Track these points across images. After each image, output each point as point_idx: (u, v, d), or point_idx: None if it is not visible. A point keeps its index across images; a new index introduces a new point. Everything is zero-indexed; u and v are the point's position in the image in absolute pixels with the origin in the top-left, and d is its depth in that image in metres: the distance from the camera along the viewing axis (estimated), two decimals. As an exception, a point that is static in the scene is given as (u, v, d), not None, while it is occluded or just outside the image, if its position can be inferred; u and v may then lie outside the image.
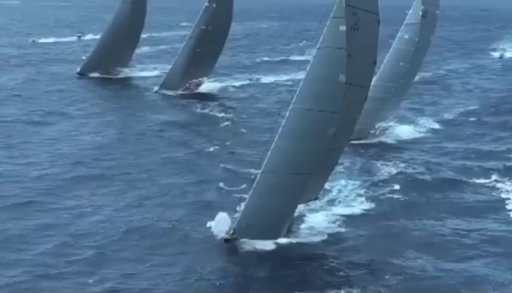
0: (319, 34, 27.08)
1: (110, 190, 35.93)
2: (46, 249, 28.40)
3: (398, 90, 42.86)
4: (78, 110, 54.98)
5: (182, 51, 60.14)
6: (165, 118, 52.70)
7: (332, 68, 25.23)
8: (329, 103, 25.45)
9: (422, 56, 43.91)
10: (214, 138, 46.47)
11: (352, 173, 39.43)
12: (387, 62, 42.83)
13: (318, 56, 25.41)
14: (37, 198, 34.72)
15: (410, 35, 42.23)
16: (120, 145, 44.98)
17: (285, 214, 27.47)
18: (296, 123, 26.33)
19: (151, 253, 27.71)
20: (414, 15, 42.50)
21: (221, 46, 59.46)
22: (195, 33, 59.46)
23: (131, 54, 67.88)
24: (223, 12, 58.93)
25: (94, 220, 31.55)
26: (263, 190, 26.85)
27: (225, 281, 25.73)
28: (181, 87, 59.99)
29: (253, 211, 26.84)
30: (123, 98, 61.86)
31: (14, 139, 45.71)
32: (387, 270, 27.00)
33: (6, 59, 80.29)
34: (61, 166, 39.99)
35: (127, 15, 66.11)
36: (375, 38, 25.77)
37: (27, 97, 59.31)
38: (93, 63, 66.73)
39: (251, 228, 26.68)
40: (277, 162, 26.66)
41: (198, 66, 59.21)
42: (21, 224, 30.94)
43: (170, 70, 60.41)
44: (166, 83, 59.91)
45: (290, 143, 26.48)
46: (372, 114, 41.38)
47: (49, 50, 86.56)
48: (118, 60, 66.58)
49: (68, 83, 65.67)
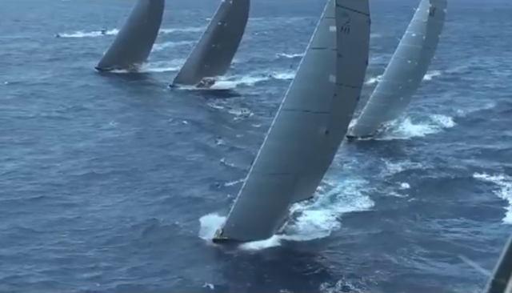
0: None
1: (120, 187, 36.44)
2: (51, 244, 29.18)
3: (406, 88, 42.71)
4: (95, 106, 55.75)
5: (197, 46, 60.55)
6: (180, 114, 53.02)
7: (322, 69, 25.26)
8: (318, 104, 25.46)
9: (430, 54, 43.70)
10: (227, 135, 46.61)
11: (358, 170, 39.45)
12: (394, 60, 42.68)
13: (308, 56, 25.45)
14: (48, 193, 35.49)
15: (418, 33, 42.01)
16: (134, 142, 45.52)
17: (274, 215, 27.53)
18: (286, 124, 26.36)
19: (137, 251, 28.01)
20: (422, 13, 42.24)
21: (236, 43, 59.75)
22: (211, 28, 59.83)
23: (149, 49, 68.40)
24: (239, 9, 59.19)
25: (101, 217, 32.18)
26: (252, 191, 26.92)
27: (213, 282, 25.73)
28: (195, 83, 60.33)
29: (242, 212, 26.92)
30: (139, 93, 62.46)
31: (32, 135, 46.57)
32: (384, 268, 27.17)
33: (30, 53, 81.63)
34: (75, 162, 40.72)
35: (145, 10, 66.70)
36: (367, 38, 25.78)
37: (47, 93, 60.29)
38: (111, 58, 67.43)
39: (240, 228, 26.79)
40: (266, 163, 26.71)
41: (213, 62, 59.56)
42: (29, 218, 31.76)
43: (185, 64, 60.80)
44: (179, 77, 60.33)
45: (280, 143, 26.53)
46: (379, 111, 41.37)
47: (71, 45, 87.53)
48: (136, 55, 67.22)
49: (87, 79, 66.49)
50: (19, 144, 44.81)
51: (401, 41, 42.70)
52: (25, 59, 76.86)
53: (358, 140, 43.26)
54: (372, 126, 42.13)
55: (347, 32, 24.72)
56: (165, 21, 70.17)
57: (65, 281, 26.06)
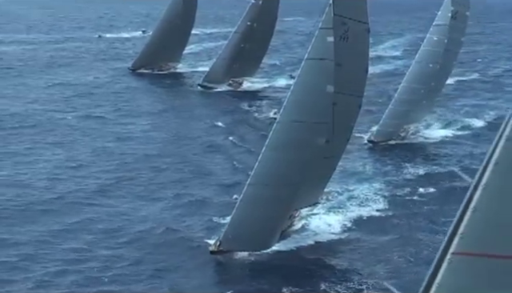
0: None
1: (145, 189, 37.36)
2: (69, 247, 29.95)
3: (428, 92, 42.14)
4: (126, 108, 56.92)
5: (226, 46, 60.92)
6: (210, 116, 53.66)
7: (319, 79, 25.17)
8: (316, 114, 25.40)
9: (452, 58, 43.02)
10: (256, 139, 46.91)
11: (378, 174, 39.31)
12: (415, 64, 42.17)
13: (305, 67, 25.36)
14: (75, 194, 36.63)
15: (440, 37, 41.40)
16: (162, 145, 46.36)
17: (273, 226, 27.49)
18: (283, 135, 26.30)
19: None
20: (444, 16, 41.64)
21: (266, 44, 59.93)
22: (240, 28, 60.12)
23: (182, 49, 69.21)
24: (269, 9, 59.42)
25: (122, 219, 33.09)
26: (250, 202, 26.90)
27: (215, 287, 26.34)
28: (223, 82, 60.72)
29: (240, 223, 26.92)
30: (169, 94, 63.50)
31: (65, 136, 48.02)
32: (395, 273, 27.09)
33: (73, 53, 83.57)
34: (104, 163, 41.84)
35: (178, 11, 67.50)
36: (366, 47, 25.65)
37: (86, 93, 61.77)
38: (144, 59, 68.54)
39: (238, 240, 26.82)
40: (264, 174, 26.67)
41: (242, 63, 59.83)
42: (45, 223, 32.73)
43: (214, 64, 61.29)
44: (208, 77, 60.78)
45: (277, 154, 26.46)
46: (400, 115, 40.94)
47: (111, 46, 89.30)
48: (169, 55, 68.10)
49: (121, 79, 67.86)
50: (53, 144, 46.21)
51: (422, 44, 42.16)
52: (67, 60, 78.80)
53: (381, 144, 42.88)
54: (394, 130, 41.70)
55: (346, 41, 24.62)
56: (198, 21, 70.82)
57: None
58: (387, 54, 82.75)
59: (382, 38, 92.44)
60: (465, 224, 9.61)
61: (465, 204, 9.93)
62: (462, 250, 9.53)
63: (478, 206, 9.64)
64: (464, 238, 9.55)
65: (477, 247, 9.49)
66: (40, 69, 73.75)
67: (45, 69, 73.54)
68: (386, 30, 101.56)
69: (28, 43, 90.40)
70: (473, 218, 9.58)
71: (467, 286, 9.40)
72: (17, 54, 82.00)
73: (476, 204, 9.67)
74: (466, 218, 9.59)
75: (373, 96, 58.29)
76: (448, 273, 9.46)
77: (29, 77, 69.06)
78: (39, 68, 73.97)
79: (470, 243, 9.55)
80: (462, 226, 9.63)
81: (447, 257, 9.53)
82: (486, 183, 9.72)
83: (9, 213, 33.85)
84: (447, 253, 9.62)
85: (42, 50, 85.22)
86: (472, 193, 9.86)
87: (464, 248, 9.53)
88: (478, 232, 9.59)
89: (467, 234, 9.60)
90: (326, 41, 24.58)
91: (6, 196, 35.90)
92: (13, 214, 33.71)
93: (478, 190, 9.73)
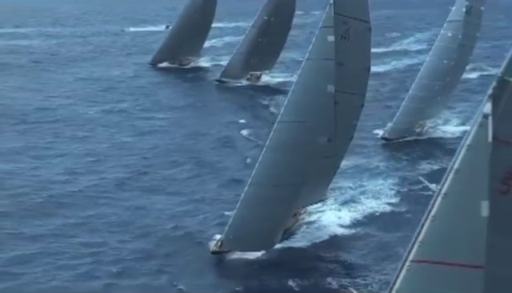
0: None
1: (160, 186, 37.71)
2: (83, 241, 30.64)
3: (443, 88, 41.82)
4: (148, 102, 57.54)
5: (243, 41, 61.04)
6: (228, 112, 53.85)
7: (320, 79, 25.19)
8: (317, 114, 25.43)
9: (467, 53, 42.63)
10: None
11: (392, 170, 39.26)
12: (429, 61, 41.89)
13: (305, 67, 25.41)
14: (93, 188, 37.22)
15: (454, 32, 41.05)
16: (181, 140, 46.78)
17: (274, 226, 27.55)
18: (283, 135, 26.35)
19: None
20: (458, 12, 41.24)
21: (283, 38, 59.81)
22: (258, 23, 60.19)
23: (202, 43, 69.47)
24: (286, 4, 59.32)
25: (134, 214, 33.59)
26: (251, 202, 26.98)
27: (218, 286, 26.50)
28: (241, 77, 60.88)
29: (241, 224, 27.05)
30: (188, 89, 63.80)
31: (83, 131, 48.78)
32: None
33: (98, 46, 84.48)
34: (121, 159, 42.44)
35: (198, 6, 67.79)
36: (367, 46, 25.64)
37: (107, 87, 62.53)
38: (164, 53, 68.98)
39: (239, 240, 26.97)
40: (264, 174, 26.77)
41: (260, 57, 59.90)
42: (62, 216, 33.52)
43: (231, 59, 61.45)
44: (226, 72, 60.99)
45: (278, 155, 26.53)
46: (415, 112, 40.80)
47: (135, 40, 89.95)
48: (189, 50, 68.45)
49: (141, 74, 68.48)
50: (74, 138, 47.14)
51: (436, 40, 41.89)
52: (91, 54, 79.79)
53: (396, 141, 42.80)
54: (408, 127, 41.57)
55: (347, 40, 24.69)
56: (220, 15, 71.03)
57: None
58: (412, 48, 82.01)
59: (407, 32, 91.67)
60: (424, 232, 9.81)
61: (427, 212, 10.13)
62: (420, 257, 9.74)
63: (437, 214, 9.83)
64: (422, 246, 9.76)
65: (434, 255, 9.69)
66: (65, 63, 74.84)
67: (69, 63, 74.62)
68: (411, 23, 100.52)
69: (54, 37, 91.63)
70: (431, 226, 9.77)
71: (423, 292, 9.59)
72: (43, 48, 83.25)
73: (436, 213, 9.86)
74: (426, 227, 9.78)
75: (393, 91, 58.16)
76: (406, 280, 9.68)
77: (54, 71, 70.22)
78: (64, 62, 75.09)
79: (428, 251, 9.75)
80: (422, 234, 9.82)
81: (406, 264, 9.74)
82: (446, 192, 9.90)
83: (26, 206, 34.70)
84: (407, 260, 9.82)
85: (68, 44, 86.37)
86: (434, 201, 10.05)
87: (422, 256, 9.74)
88: (436, 240, 9.78)
89: (425, 243, 9.81)
90: (327, 40, 24.64)
91: (24, 189, 36.78)
92: (30, 208, 34.54)
93: (438, 198, 9.91)
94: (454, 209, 9.92)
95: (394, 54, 77.28)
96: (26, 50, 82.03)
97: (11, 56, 77.51)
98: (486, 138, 10.07)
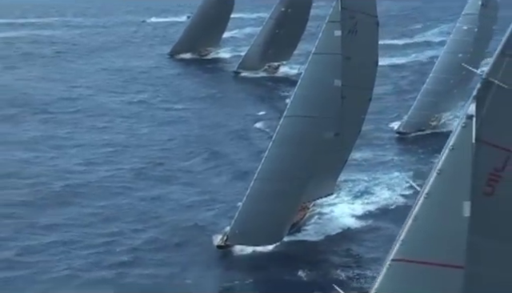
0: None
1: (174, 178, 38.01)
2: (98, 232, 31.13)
3: (459, 81, 41.53)
4: (168, 93, 57.93)
5: (260, 32, 61.05)
6: (246, 104, 53.89)
7: (326, 73, 25.22)
8: (323, 109, 25.47)
9: (484, 46, 42.17)
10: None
11: (405, 163, 39.23)
12: (444, 54, 41.60)
13: (312, 61, 25.47)
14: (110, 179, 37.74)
15: (469, 26, 40.72)
16: (199, 131, 47.03)
17: (280, 220, 27.63)
18: (290, 130, 26.39)
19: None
20: (473, 5, 40.85)
21: (301, 29, 59.65)
22: (275, 14, 60.12)
23: (221, 34, 69.52)
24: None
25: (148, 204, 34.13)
26: (256, 197, 27.07)
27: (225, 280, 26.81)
28: (259, 68, 60.88)
29: (246, 218, 27.17)
30: (210, 80, 63.87)
31: (102, 122, 49.41)
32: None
33: (119, 36, 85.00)
34: (139, 150, 42.88)
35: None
36: (375, 40, 25.58)
37: (128, 78, 62.98)
38: (183, 44, 69.18)
39: (245, 235, 27.08)
40: (271, 169, 26.82)
41: (277, 48, 59.85)
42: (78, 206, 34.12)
43: (249, 50, 61.49)
44: (243, 63, 61.05)
45: (285, 149, 26.57)
46: (429, 106, 40.63)
47: (155, 30, 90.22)
48: (208, 41, 68.59)
49: (165, 65, 68.83)
50: (93, 129, 47.75)
51: (451, 34, 41.57)
52: (113, 45, 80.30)
53: (412, 135, 42.70)
54: (423, 120, 41.40)
55: (355, 34, 24.68)
56: (241, 5, 70.98)
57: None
58: (435, 39, 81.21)
59: (431, 24, 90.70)
60: (406, 231, 9.95)
61: (411, 212, 10.26)
62: (401, 256, 9.89)
63: (419, 214, 9.96)
64: (404, 245, 9.90)
65: (415, 254, 9.83)
66: (87, 53, 75.51)
67: (91, 53, 75.29)
68: (435, 14, 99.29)
69: (76, 27, 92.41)
70: (413, 225, 9.91)
71: (402, 291, 9.74)
72: (65, 38, 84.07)
73: (418, 212, 9.99)
74: (407, 226, 9.92)
75: (412, 83, 57.78)
76: (386, 278, 9.83)
77: (75, 61, 70.95)
78: (86, 52, 75.77)
79: (409, 250, 9.89)
80: (403, 233, 9.96)
81: (387, 262, 9.89)
82: (428, 192, 10.02)
83: (43, 195, 35.41)
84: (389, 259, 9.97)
85: (90, 34, 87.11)
86: (417, 201, 10.18)
87: (403, 255, 9.88)
88: (418, 240, 9.91)
89: (407, 242, 9.94)
90: (334, 35, 24.65)
91: (42, 178, 37.46)
92: (47, 196, 35.23)
93: (421, 198, 10.03)
94: (436, 209, 10.04)
95: (416, 45, 76.71)
96: (49, 40, 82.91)
97: (34, 46, 78.47)
98: (470, 140, 10.15)
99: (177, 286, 25.76)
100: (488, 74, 10.28)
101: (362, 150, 40.71)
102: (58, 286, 26.23)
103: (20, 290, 26.14)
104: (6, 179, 37.29)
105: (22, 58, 71.15)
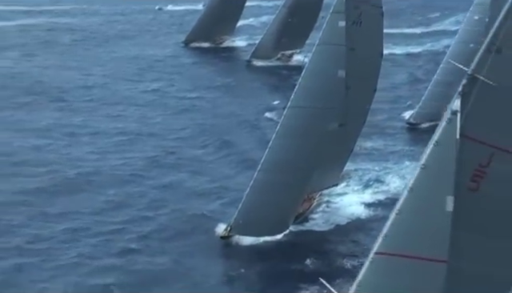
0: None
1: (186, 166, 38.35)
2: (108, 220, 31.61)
3: (471, 71, 41.00)
4: (182, 81, 58.05)
5: (273, 21, 60.82)
6: (260, 93, 53.63)
7: (330, 64, 25.17)
8: (327, 100, 25.47)
9: (496, 36, 41.60)
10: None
11: (416, 153, 39.04)
12: (455, 44, 41.20)
13: (316, 52, 25.43)
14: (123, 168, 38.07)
15: (480, 16, 40.29)
16: (213, 120, 46.98)
17: (284, 211, 27.72)
18: (293, 121, 26.44)
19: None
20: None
21: (314, 18, 59.16)
22: (288, 3, 59.81)
23: (235, 22, 69.31)
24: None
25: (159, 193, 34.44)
26: (260, 188, 27.18)
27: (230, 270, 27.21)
28: (272, 57, 60.70)
29: (250, 209, 27.29)
30: (224, 69, 63.71)
31: (117, 110, 49.69)
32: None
33: (136, 24, 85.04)
34: (152, 139, 43.11)
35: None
36: (380, 31, 25.50)
37: (144, 67, 63.18)
38: (197, 33, 68.99)
39: (248, 225, 27.20)
40: (274, 160, 26.88)
41: (290, 37, 59.64)
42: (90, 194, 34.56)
43: (262, 39, 61.19)
44: (257, 52, 60.90)
45: (289, 140, 26.63)
46: (440, 97, 40.14)
47: (171, 18, 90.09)
48: (222, 29, 68.41)
49: (180, 53, 68.85)
50: (107, 117, 48.12)
51: (463, 24, 41.15)
52: (129, 33, 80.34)
53: (423, 126, 42.51)
54: (434, 111, 40.89)
55: (359, 25, 24.64)
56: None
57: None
58: (452, 28, 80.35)
59: (449, 12, 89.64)
60: (389, 225, 10.06)
61: (395, 206, 10.36)
62: (384, 250, 10.00)
63: (402, 208, 10.05)
64: (387, 239, 10.01)
65: (398, 248, 9.94)
66: (104, 41, 75.77)
67: (108, 41, 75.54)
68: (454, 3, 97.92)
69: (94, 15, 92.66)
70: (396, 219, 10.01)
71: (385, 285, 9.86)
72: (83, 26, 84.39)
73: (401, 207, 10.09)
74: (391, 220, 10.02)
75: (427, 73, 57.29)
76: (369, 272, 9.97)
77: (92, 49, 71.29)
78: (103, 40, 76.04)
79: (392, 244, 10.00)
80: (386, 227, 10.07)
81: (370, 256, 10.02)
82: (412, 187, 10.11)
83: (56, 182, 35.87)
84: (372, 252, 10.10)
85: (107, 22, 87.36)
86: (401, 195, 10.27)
87: (385, 248, 9.99)
88: (401, 234, 10.02)
89: (390, 236, 10.05)
90: (338, 26, 24.65)
91: (54, 166, 37.90)
92: (59, 184, 35.70)
93: (405, 192, 10.13)
94: (419, 203, 10.13)
95: (433, 34, 75.98)
96: (67, 27, 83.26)
97: (51, 33, 78.87)
98: (454, 135, 10.20)
99: (182, 274, 26.06)
100: (473, 70, 10.32)
101: (373, 140, 40.70)
102: (67, 273, 26.62)
103: (30, 276, 26.56)
104: (19, 167, 37.81)
105: (38, 46, 71.61)
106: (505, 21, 11.26)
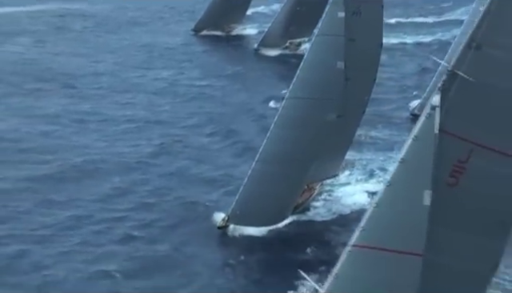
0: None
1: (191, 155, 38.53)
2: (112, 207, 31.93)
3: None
4: (192, 69, 58.13)
5: (281, 9, 60.62)
6: (268, 83, 53.28)
7: (329, 55, 25.17)
8: (326, 91, 25.47)
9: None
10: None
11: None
12: (460, 36, 40.86)
13: (315, 43, 25.44)
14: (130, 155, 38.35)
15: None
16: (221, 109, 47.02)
17: (282, 201, 27.82)
18: (292, 112, 26.48)
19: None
20: (491, -16, 39.90)
21: (322, 6, 58.66)
22: (296, -9, 59.67)
23: (245, 10, 69.13)
24: (323, -29, 58.35)
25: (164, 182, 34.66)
26: (258, 179, 27.23)
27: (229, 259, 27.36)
28: (280, 45, 60.54)
29: (247, 199, 27.38)
30: (233, 57, 63.59)
31: (126, 98, 49.82)
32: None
33: (147, 11, 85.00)
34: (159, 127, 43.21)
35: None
36: (380, 22, 25.43)
37: (155, 55, 63.25)
38: (206, 21, 68.90)
39: (245, 216, 27.30)
40: (272, 151, 26.97)
41: (298, 26, 59.41)
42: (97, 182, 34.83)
43: (270, 28, 60.97)
44: (265, 40, 60.75)
45: (287, 131, 26.68)
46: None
47: (183, 6, 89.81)
48: (232, 17, 68.28)
49: (191, 41, 68.81)
50: (116, 104, 48.38)
51: (467, 15, 40.77)
52: (140, 20, 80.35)
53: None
54: (437, 104, 40.87)
55: (359, 16, 24.61)
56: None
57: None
58: (464, 18, 79.55)
59: (461, 2, 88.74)
60: (367, 218, 10.19)
61: (373, 199, 10.48)
62: (361, 242, 10.14)
63: (380, 202, 10.17)
64: (364, 232, 10.14)
65: (375, 241, 10.07)
66: (115, 28, 75.90)
67: (120, 28, 75.67)
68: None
69: (105, 1, 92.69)
70: (374, 213, 10.14)
71: (361, 277, 10.01)
72: (94, 12, 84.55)
73: (379, 200, 10.21)
74: (368, 213, 10.16)
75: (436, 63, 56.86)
76: (346, 264, 10.11)
77: (103, 36, 71.48)
78: (115, 27, 76.15)
79: (369, 237, 10.13)
80: (364, 220, 10.21)
81: (347, 248, 10.17)
82: (390, 181, 10.23)
83: (63, 169, 36.23)
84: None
85: (118, 9, 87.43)
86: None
87: (363, 241, 10.13)
88: (378, 227, 10.14)
89: (367, 228, 10.19)
90: (337, 16, 24.65)
91: (61, 154, 38.23)
92: (66, 171, 36.07)
93: (383, 186, 10.25)
94: (397, 197, 10.23)
95: (444, 23, 75.38)
96: (78, 13, 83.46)
97: (62, 20, 79.13)
98: (433, 130, 10.29)
99: (182, 262, 26.36)
100: (453, 66, 10.39)
101: (379, 129, 40.71)
102: (69, 259, 27.00)
103: (33, 262, 26.95)
104: (26, 153, 38.20)
105: (50, 32, 71.93)
106: (485, 17, 11.27)
